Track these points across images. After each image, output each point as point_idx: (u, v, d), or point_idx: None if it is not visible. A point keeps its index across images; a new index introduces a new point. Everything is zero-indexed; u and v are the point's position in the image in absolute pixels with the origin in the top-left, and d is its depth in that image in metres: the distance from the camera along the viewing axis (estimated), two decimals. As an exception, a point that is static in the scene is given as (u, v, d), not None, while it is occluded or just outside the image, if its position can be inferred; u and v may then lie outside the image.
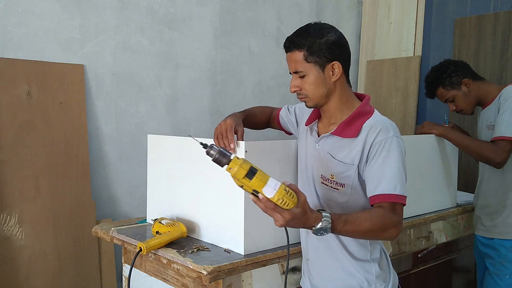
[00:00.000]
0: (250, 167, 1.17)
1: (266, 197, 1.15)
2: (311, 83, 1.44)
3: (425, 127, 2.35)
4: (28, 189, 2.47)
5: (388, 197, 1.36)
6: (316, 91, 1.46)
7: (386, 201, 1.37)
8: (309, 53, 1.41)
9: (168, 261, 1.59)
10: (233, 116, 1.64)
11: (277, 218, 1.19)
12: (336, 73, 1.44)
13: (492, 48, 3.30)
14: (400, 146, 1.42)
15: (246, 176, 1.17)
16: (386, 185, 1.37)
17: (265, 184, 1.16)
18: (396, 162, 1.39)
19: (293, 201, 1.18)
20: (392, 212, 1.35)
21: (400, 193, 1.37)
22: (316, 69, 1.43)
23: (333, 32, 1.44)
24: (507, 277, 2.17)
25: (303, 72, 1.44)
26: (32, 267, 2.46)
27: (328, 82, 1.45)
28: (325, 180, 1.49)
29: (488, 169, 2.25)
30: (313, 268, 1.58)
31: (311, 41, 1.41)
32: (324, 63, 1.43)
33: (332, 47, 1.42)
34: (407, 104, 3.73)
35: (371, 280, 1.48)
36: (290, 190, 1.18)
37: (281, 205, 1.17)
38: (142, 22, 2.93)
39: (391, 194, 1.36)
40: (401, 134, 1.50)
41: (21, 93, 2.47)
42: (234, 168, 1.17)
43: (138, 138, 2.91)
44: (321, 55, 1.41)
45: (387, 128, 1.43)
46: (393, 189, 1.36)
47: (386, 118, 1.52)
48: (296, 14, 3.74)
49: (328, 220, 1.24)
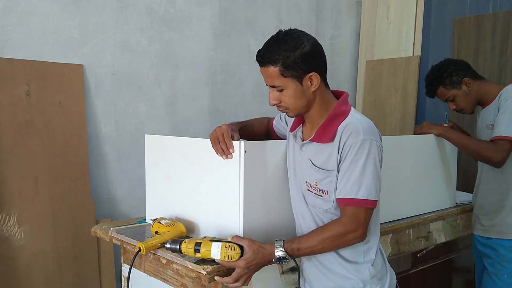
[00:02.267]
0: (195, 243, 1.45)
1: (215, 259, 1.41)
2: (290, 96, 1.43)
3: (424, 127, 2.35)
4: (27, 189, 2.47)
5: (350, 201, 1.38)
6: (296, 103, 1.45)
7: (348, 205, 1.39)
8: (284, 68, 1.38)
9: (168, 261, 1.59)
10: (229, 123, 1.63)
11: (239, 273, 1.38)
12: (314, 83, 1.42)
13: (491, 48, 3.30)
14: (370, 148, 1.39)
15: (195, 252, 1.45)
16: (348, 189, 1.38)
17: (210, 251, 1.43)
18: (363, 166, 1.37)
19: (236, 252, 1.40)
20: (351, 218, 1.38)
21: (362, 197, 1.37)
22: (294, 82, 1.41)
23: (306, 42, 1.40)
24: (506, 277, 2.17)
25: (281, 86, 1.42)
26: (31, 267, 2.46)
27: (307, 93, 1.43)
28: (310, 187, 1.49)
29: (486, 169, 2.25)
30: (308, 271, 1.58)
31: (285, 55, 1.37)
32: (301, 75, 1.40)
33: (307, 58, 1.39)
34: (406, 104, 3.72)
35: (365, 282, 1.48)
36: (230, 244, 1.42)
37: (228, 260, 1.40)
38: (141, 22, 2.93)
39: (353, 199, 1.38)
40: (401, 134, 1.49)
41: (21, 93, 2.47)
42: (185, 251, 1.47)
43: (137, 138, 2.91)
44: (297, 68, 1.39)
45: (358, 131, 1.40)
46: (355, 193, 1.37)
47: (360, 117, 1.47)
48: (295, 14, 3.74)
49: (281, 248, 1.38)
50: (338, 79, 4.02)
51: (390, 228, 2.05)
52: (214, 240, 1.47)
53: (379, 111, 3.86)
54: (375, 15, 4.04)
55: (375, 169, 1.39)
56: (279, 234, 1.63)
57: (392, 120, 3.78)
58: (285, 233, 1.63)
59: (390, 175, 2.14)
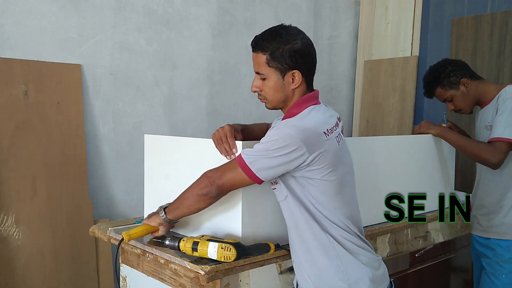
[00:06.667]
0: (192, 242, 1.49)
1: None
2: (270, 87, 1.48)
3: (422, 127, 2.36)
4: (25, 189, 2.46)
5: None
6: (275, 96, 1.49)
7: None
8: (271, 58, 1.44)
9: (166, 261, 1.59)
10: (231, 124, 1.64)
11: None
12: (296, 81, 1.47)
13: (489, 48, 3.30)
14: (272, 136, 1.40)
15: (193, 251, 1.49)
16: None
17: (207, 251, 1.46)
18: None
19: (232, 253, 1.44)
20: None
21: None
22: (277, 75, 1.46)
23: (300, 40, 1.45)
24: (504, 277, 2.18)
25: (264, 75, 1.47)
26: (29, 267, 2.45)
27: (286, 88, 1.48)
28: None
29: (485, 170, 2.26)
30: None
31: (275, 46, 1.43)
32: (285, 70, 1.45)
33: (295, 55, 1.43)
34: (405, 104, 3.73)
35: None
36: (226, 245, 1.45)
37: (224, 260, 1.45)
38: (139, 22, 2.93)
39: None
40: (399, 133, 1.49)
41: (18, 93, 2.47)
42: (184, 249, 1.51)
43: (135, 138, 2.91)
44: (283, 61, 1.44)
45: (278, 127, 1.44)
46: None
47: (299, 118, 1.45)
48: (293, 14, 3.74)
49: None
50: (336, 79, 4.02)
51: (389, 228, 2.06)
52: (211, 239, 1.49)
53: (377, 111, 3.87)
54: (373, 15, 4.04)
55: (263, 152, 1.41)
56: (278, 233, 1.63)
57: (390, 120, 3.79)
58: (285, 232, 1.62)
59: (388, 174, 2.14)
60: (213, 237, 1.53)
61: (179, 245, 1.53)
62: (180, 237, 1.55)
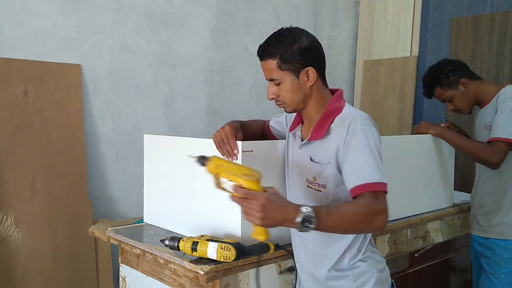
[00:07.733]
0: (192, 242, 1.49)
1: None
2: (287, 90, 1.46)
3: (421, 127, 2.36)
4: (25, 189, 2.46)
5: (368, 186, 1.31)
6: (293, 98, 1.47)
7: (367, 190, 1.31)
8: (282, 61, 1.42)
9: (165, 261, 1.59)
10: (231, 123, 1.64)
11: (254, 205, 1.18)
12: (311, 78, 1.45)
13: (489, 48, 3.30)
14: (370, 133, 1.38)
15: (192, 251, 1.49)
16: (363, 174, 1.33)
17: (207, 251, 1.46)
18: (368, 150, 1.35)
19: (231, 253, 1.44)
20: (375, 199, 1.30)
21: (379, 180, 1.32)
22: (291, 76, 1.44)
23: (305, 38, 1.44)
24: (503, 277, 2.18)
25: (278, 79, 1.45)
26: (28, 268, 2.45)
27: (304, 87, 1.46)
28: (310, 183, 1.49)
29: (484, 170, 2.26)
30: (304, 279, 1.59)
31: (283, 49, 1.42)
32: (298, 69, 1.44)
33: (304, 53, 1.43)
34: (404, 104, 3.73)
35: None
36: (226, 245, 1.45)
37: (224, 260, 1.44)
38: (139, 22, 2.93)
39: (371, 183, 1.32)
40: (398, 133, 1.49)
41: (18, 93, 2.46)
42: (183, 249, 1.51)
43: (135, 138, 2.91)
44: (294, 62, 1.42)
45: (355, 119, 1.41)
46: (371, 177, 1.32)
47: (355, 110, 1.49)
48: (293, 14, 3.74)
49: (309, 209, 1.19)
50: (336, 79, 4.02)
51: (388, 228, 2.06)
52: (211, 239, 1.49)
53: (376, 111, 3.86)
54: (372, 15, 4.04)
55: (379, 154, 1.38)
56: (277, 233, 1.63)
57: (389, 120, 3.79)
58: (284, 232, 1.63)
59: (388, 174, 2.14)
60: (212, 237, 1.53)
61: (179, 245, 1.53)
62: (180, 237, 1.55)
